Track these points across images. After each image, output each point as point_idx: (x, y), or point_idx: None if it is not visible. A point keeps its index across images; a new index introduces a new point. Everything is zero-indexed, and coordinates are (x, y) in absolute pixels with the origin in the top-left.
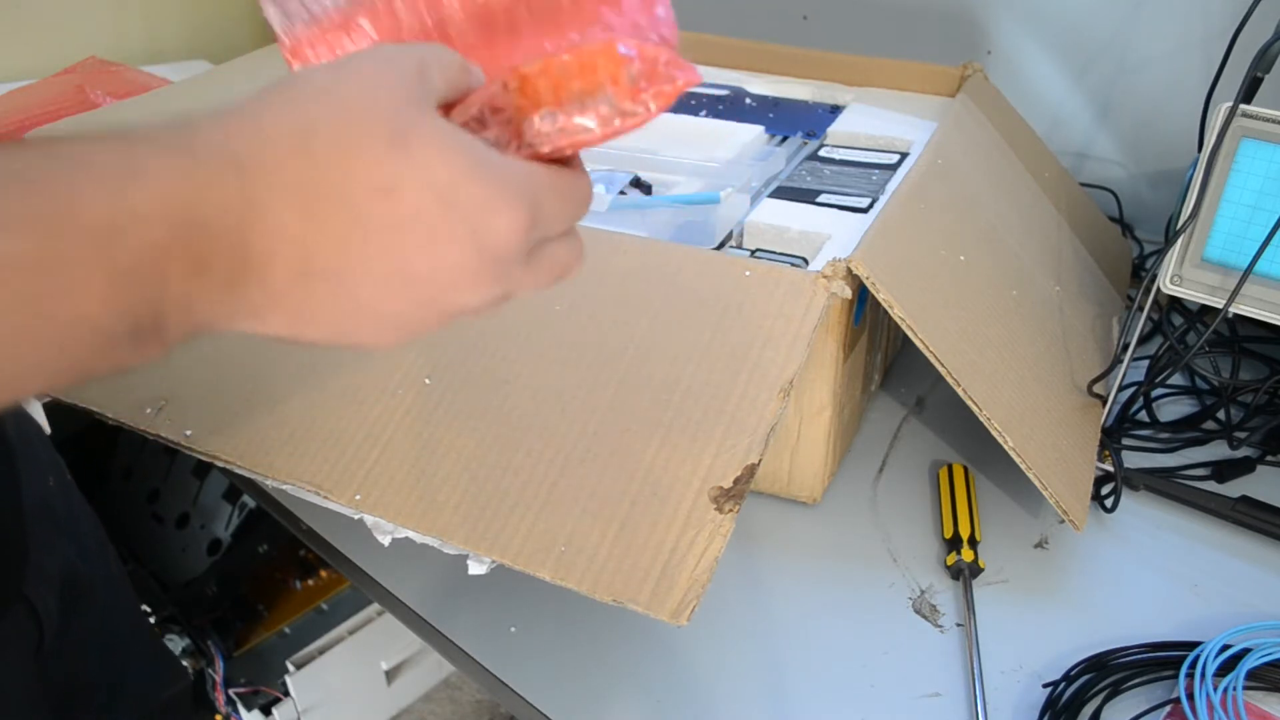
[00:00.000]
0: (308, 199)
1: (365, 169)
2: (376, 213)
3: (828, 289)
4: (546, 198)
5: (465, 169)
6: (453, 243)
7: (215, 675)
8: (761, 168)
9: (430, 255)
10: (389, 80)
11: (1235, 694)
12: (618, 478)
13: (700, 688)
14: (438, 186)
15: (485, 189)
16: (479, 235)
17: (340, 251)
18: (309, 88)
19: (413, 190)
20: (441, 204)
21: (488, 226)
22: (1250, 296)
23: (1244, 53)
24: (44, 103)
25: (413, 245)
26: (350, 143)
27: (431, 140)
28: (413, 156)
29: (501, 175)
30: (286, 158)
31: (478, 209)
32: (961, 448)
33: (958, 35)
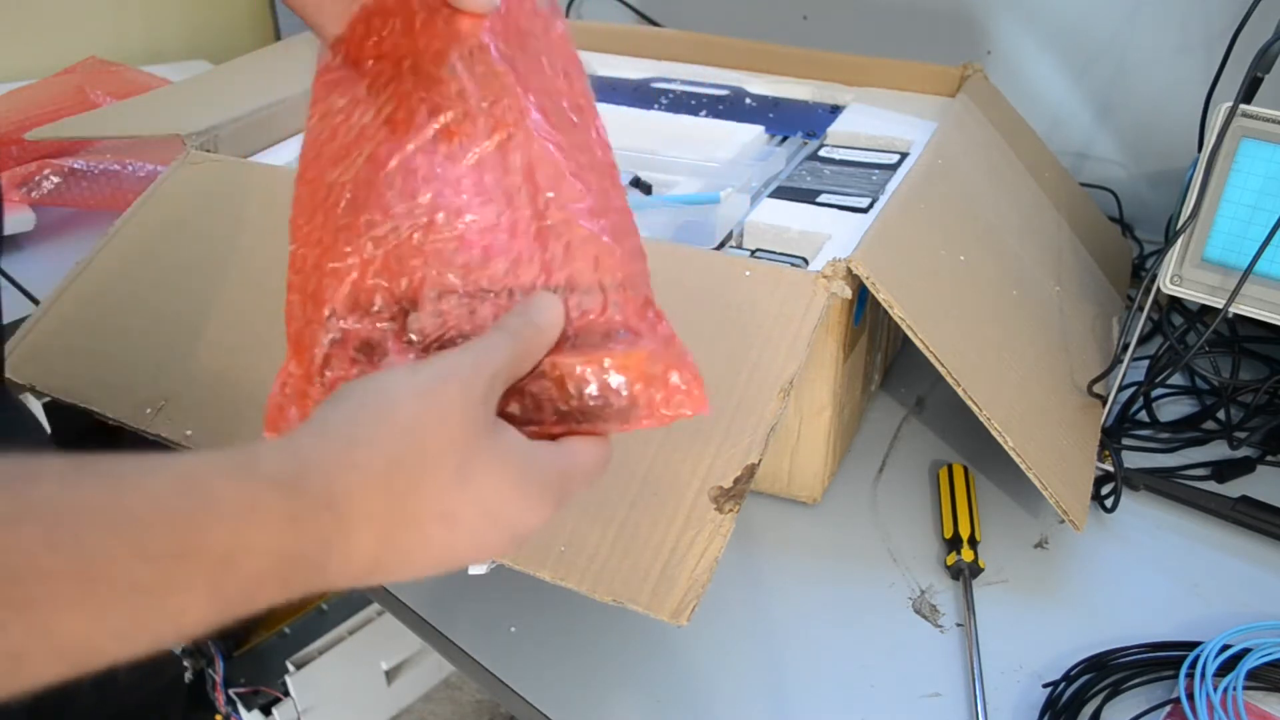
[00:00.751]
0: (385, 527)
1: (433, 500)
2: (437, 533)
3: (828, 289)
4: (573, 481)
5: (510, 490)
6: (495, 541)
7: (215, 675)
8: (761, 168)
9: (474, 550)
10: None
11: (1235, 694)
12: (618, 478)
13: (700, 688)
14: (488, 508)
15: (525, 502)
16: (515, 532)
17: (403, 561)
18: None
19: (468, 514)
20: (488, 519)
21: (523, 525)
22: (1250, 296)
23: (1244, 53)
24: (44, 103)
25: (462, 548)
26: (425, 479)
27: (488, 469)
28: (469, 487)
29: (539, 484)
30: (374, 495)
31: (516, 517)
32: (961, 448)
33: (958, 35)
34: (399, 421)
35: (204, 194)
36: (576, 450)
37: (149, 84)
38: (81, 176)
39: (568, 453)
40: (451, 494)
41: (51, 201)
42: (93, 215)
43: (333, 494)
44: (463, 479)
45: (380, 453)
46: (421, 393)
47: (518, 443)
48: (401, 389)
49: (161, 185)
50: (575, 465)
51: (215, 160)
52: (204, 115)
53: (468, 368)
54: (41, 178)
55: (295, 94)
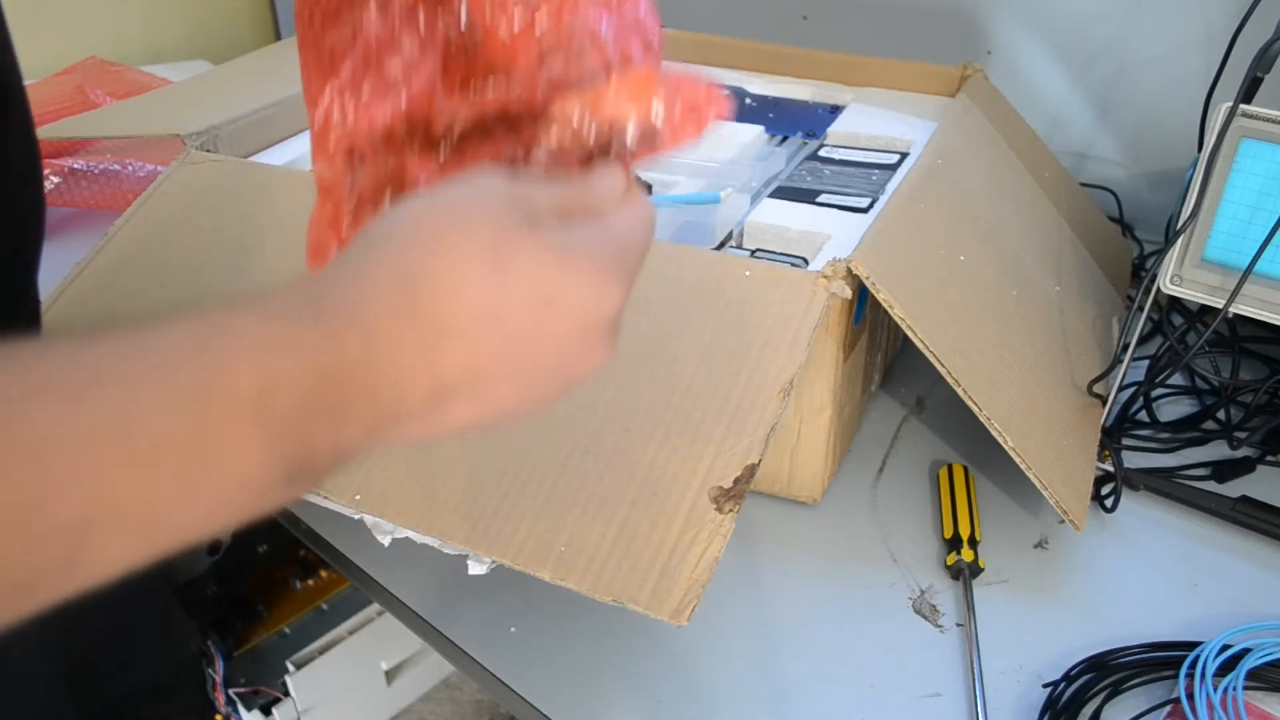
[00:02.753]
0: (423, 341)
1: (470, 303)
2: (490, 337)
3: (828, 289)
4: (632, 252)
5: (560, 272)
6: (567, 336)
7: (215, 675)
8: (761, 168)
9: (550, 351)
10: (478, 208)
11: (1235, 694)
12: (618, 478)
13: (700, 688)
14: (541, 297)
15: (585, 284)
16: (588, 322)
17: (465, 375)
18: (407, 228)
19: (519, 307)
20: (548, 310)
21: (594, 314)
22: (1250, 296)
23: (1244, 53)
24: (44, 103)
25: (531, 350)
26: (451, 282)
27: (524, 253)
28: (509, 275)
29: (595, 262)
30: (396, 310)
31: (582, 304)
32: (961, 448)
33: (958, 35)
34: (415, 230)
35: (204, 194)
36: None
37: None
38: (81, 176)
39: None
40: (490, 288)
41: (51, 201)
42: (93, 215)
43: (352, 310)
44: (498, 269)
45: (397, 262)
46: (440, 203)
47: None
48: (419, 204)
49: (161, 185)
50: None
51: (215, 160)
52: (204, 115)
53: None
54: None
55: (295, 94)
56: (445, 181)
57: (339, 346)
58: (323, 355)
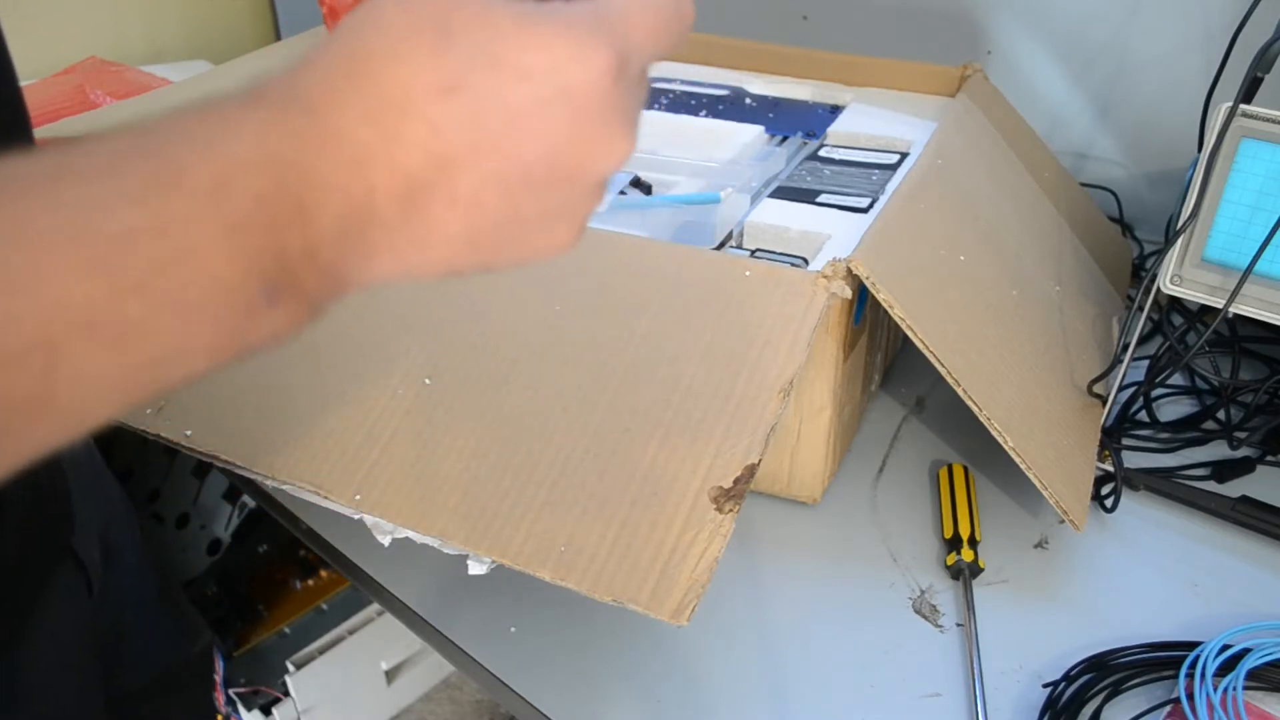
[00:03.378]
0: (375, 119)
1: (421, 75)
2: (450, 112)
3: (828, 289)
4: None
5: (519, 31)
6: (547, 113)
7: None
8: (761, 168)
9: (530, 135)
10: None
11: (1235, 694)
12: (618, 478)
13: (700, 688)
14: (499, 63)
15: (551, 46)
16: (570, 94)
17: (434, 164)
18: (345, 26)
19: (476, 76)
20: (512, 78)
21: (575, 82)
22: (1250, 296)
23: (1244, 53)
24: (44, 103)
25: (505, 132)
26: (399, 53)
27: (475, 18)
28: (461, 44)
29: (558, 21)
30: (345, 87)
31: (552, 70)
32: (961, 448)
33: (958, 35)
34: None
35: None
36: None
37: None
38: None
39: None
40: (442, 61)
41: None
42: None
43: (299, 95)
44: (446, 37)
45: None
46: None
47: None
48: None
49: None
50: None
51: None
52: None
53: None
54: None
55: None
56: None
57: (285, 125)
58: (270, 136)
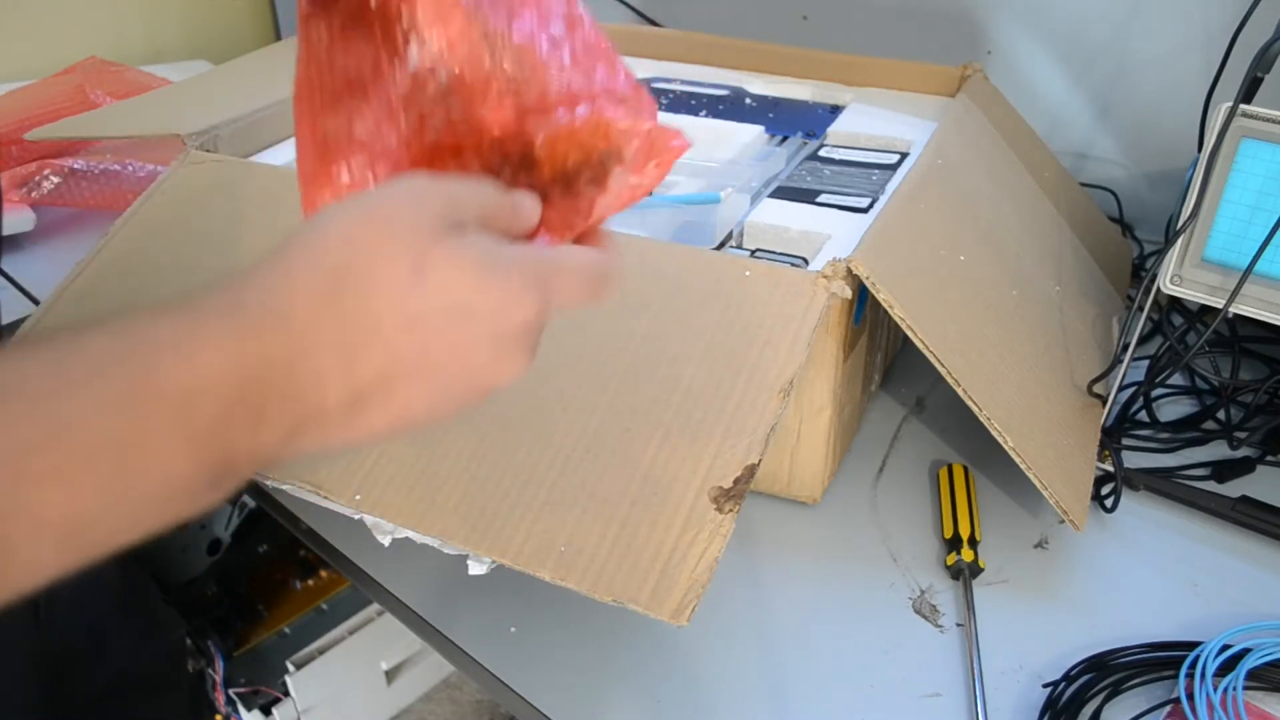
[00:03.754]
0: (344, 345)
1: (389, 310)
2: (407, 344)
3: (828, 289)
4: (558, 280)
5: (476, 282)
6: (476, 347)
7: (215, 675)
8: (761, 168)
9: (460, 361)
10: (408, 214)
11: (1235, 694)
12: (618, 478)
13: (700, 688)
14: (455, 307)
15: (496, 295)
16: (498, 334)
17: (381, 382)
18: (335, 232)
19: (434, 317)
20: (461, 319)
21: (504, 326)
22: (1250, 296)
23: (1244, 53)
24: (44, 103)
25: (444, 359)
26: (373, 288)
27: (445, 263)
28: (429, 285)
29: (508, 275)
30: (320, 312)
31: (492, 314)
32: (961, 448)
33: (958, 35)
34: (340, 232)
35: (204, 194)
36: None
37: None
38: (81, 176)
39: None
40: (411, 297)
41: (51, 201)
42: (93, 215)
43: (274, 309)
44: (418, 275)
45: (320, 263)
46: (362, 210)
47: (483, 238)
48: (339, 212)
49: (161, 185)
50: (560, 257)
51: (215, 160)
52: (204, 115)
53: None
54: (41, 178)
55: None
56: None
57: (261, 345)
58: (245, 354)
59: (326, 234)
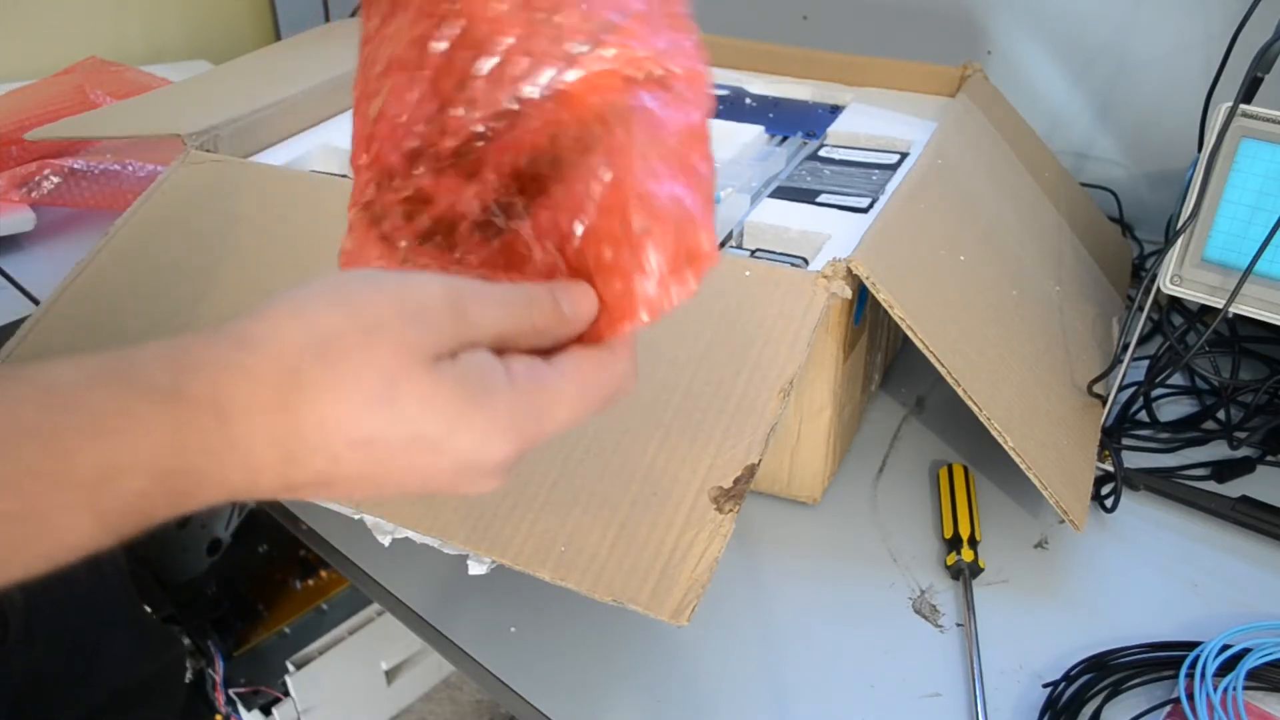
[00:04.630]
0: (286, 446)
1: (344, 426)
2: (353, 460)
3: (828, 289)
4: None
5: (449, 422)
6: (437, 475)
7: (215, 675)
8: (761, 168)
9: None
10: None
11: (1235, 694)
12: (618, 478)
13: (700, 688)
14: (418, 438)
15: (470, 438)
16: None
17: (322, 482)
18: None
19: (392, 443)
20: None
21: (472, 462)
22: (1250, 296)
23: (1244, 53)
24: (44, 103)
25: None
26: (329, 400)
27: (417, 394)
28: (393, 412)
29: (491, 417)
30: (266, 408)
31: (460, 453)
32: (961, 448)
33: (958, 35)
34: (315, 328)
35: (204, 194)
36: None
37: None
38: (81, 176)
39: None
40: (368, 419)
41: (51, 201)
42: (93, 215)
43: (217, 401)
44: (384, 402)
45: (276, 359)
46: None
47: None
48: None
49: (161, 185)
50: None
51: (215, 160)
52: (204, 115)
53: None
54: (41, 178)
55: (295, 94)
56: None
57: (198, 438)
58: (179, 448)
59: (300, 321)
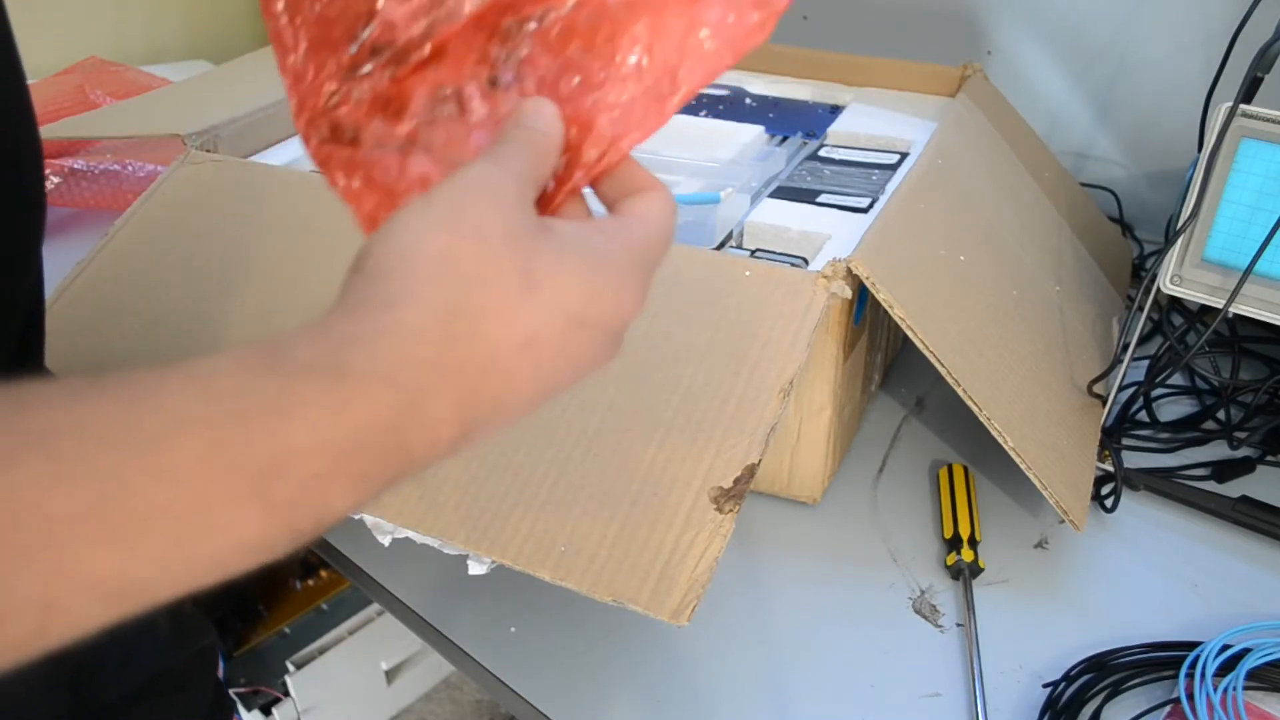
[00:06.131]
0: (460, 383)
1: (505, 334)
2: (521, 365)
3: (828, 289)
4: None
5: (588, 292)
6: (590, 351)
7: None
8: (761, 168)
9: (572, 366)
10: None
11: (1235, 694)
12: (618, 478)
13: (700, 688)
14: (571, 313)
15: (610, 301)
16: (611, 327)
17: (495, 408)
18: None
19: (551, 331)
20: (576, 329)
21: (618, 318)
22: (1250, 296)
23: (1244, 53)
24: (44, 103)
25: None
26: (488, 318)
27: (553, 274)
28: (542, 297)
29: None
30: (434, 356)
31: (605, 321)
32: (961, 448)
33: (958, 35)
34: (432, 259)
35: (204, 194)
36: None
37: (149, 84)
38: (81, 176)
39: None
40: (524, 315)
41: (51, 201)
42: (93, 215)
43: (385, 367)
44: (530, 291)
45: (424, 302)
46: (444, 219)
47: (574, 230)
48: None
49: (161, 185)
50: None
51: (215, 160)
52: (204, 115)
53: (487, 174)
54: None
55: None
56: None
57: (372, 411)
58: (345, 425)
59: (422, 259)
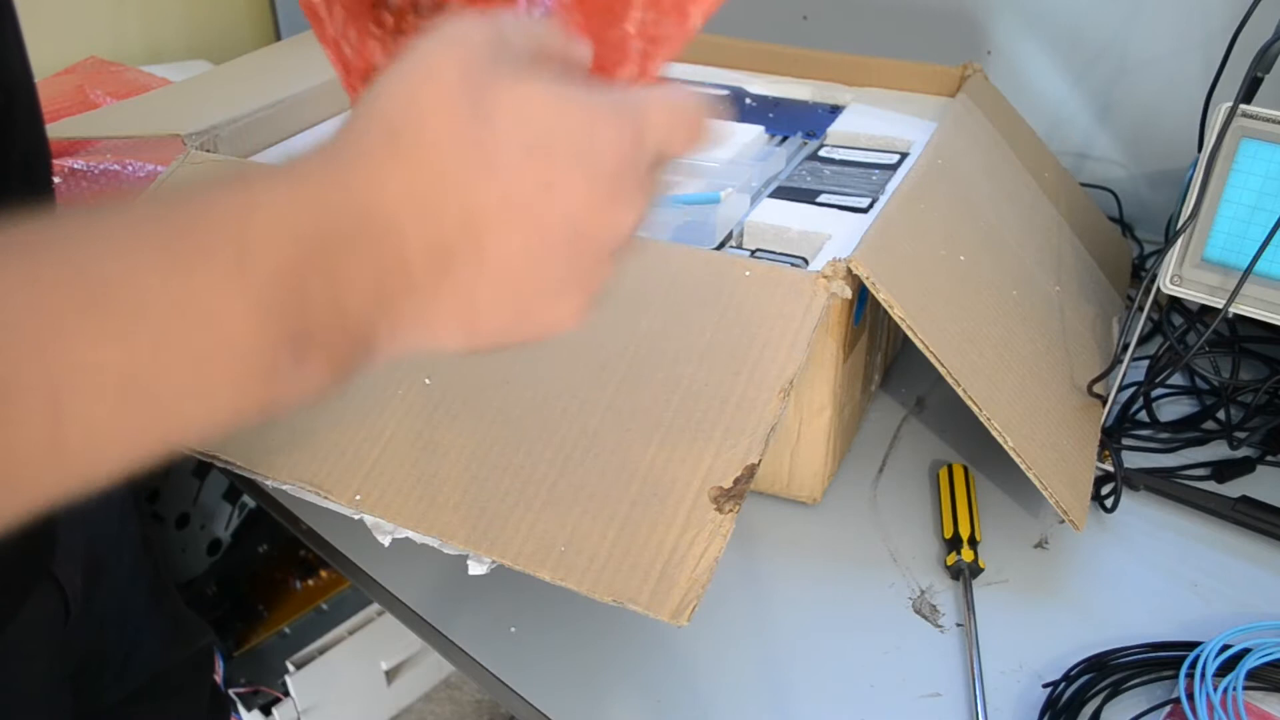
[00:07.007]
0: (416, 198)
1: (460, 155)
2: (484, 188)
3: (828, 289)
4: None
5: (553, 112)
6: (568, 182)
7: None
8: (761, 168)
9: (554, 204)
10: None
11: (1235, 694)
12: (618, 478)
13: (700, 688)
14: (533, 143)
15: (579, 118)
16: (588, 163)
17: (468, 236)
18: (387, 89)
19: (510, 155)
20: (544, 154)
21: (592, 151)
22: (1250, 296)
23: (1244, 53)
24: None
25: (534, 204)
26: (437, 134)
27: (510, 98)
28: (498, 124)
29: (593, 100)
30: (384, 165)
31: (577, 141)
32: (961, 448)
33: (958, 35)
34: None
35: None
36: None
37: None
38: (81, 176)
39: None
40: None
41: None
42: None
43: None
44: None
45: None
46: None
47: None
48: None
49: (161, 185)
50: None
51: (215, 160)
52: (204, 115)
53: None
54: None
55: (295, 94)
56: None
57: (326, 204)
58: (305, 205)
59: (381, 92)
